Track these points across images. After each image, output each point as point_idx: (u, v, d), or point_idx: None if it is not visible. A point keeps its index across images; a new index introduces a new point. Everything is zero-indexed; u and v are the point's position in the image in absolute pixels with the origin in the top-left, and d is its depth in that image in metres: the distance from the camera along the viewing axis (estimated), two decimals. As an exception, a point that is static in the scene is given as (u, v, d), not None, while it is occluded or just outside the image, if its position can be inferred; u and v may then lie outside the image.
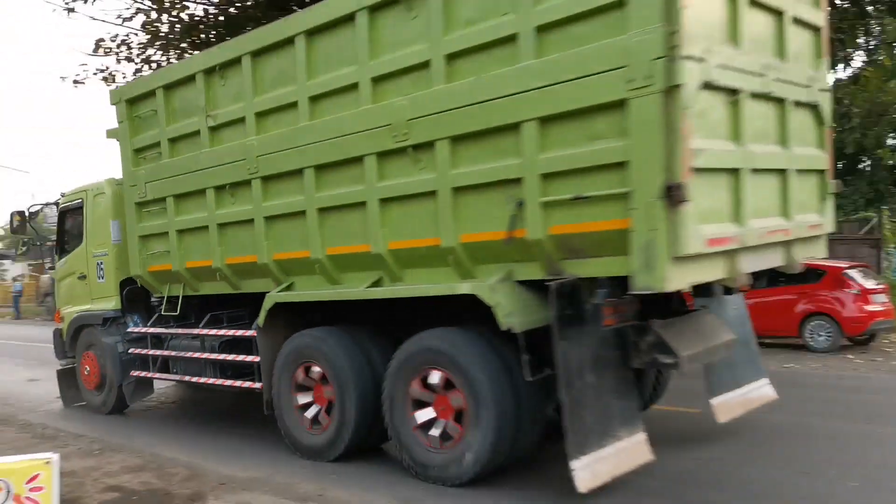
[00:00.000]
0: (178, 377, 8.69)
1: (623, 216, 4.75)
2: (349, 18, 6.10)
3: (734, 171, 5.19)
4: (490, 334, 5.52)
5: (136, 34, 14.84)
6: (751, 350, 7.12)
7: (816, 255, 6.68)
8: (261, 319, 7.03)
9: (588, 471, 4.97)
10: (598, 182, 4.88)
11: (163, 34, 14.70)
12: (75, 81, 14.98)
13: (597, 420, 5.16)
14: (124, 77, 15.09)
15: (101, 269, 9.40)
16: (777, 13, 5.73)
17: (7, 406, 10.13)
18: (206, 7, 14.53)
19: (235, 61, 7.11)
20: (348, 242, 6.43)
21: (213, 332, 7.90)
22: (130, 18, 14.62)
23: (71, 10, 14.14)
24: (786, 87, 5.75)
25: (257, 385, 7.32)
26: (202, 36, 14.77)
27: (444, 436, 5.76)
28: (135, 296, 9.13)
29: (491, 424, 5.40)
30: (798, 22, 6.01)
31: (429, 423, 5.84)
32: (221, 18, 14.38)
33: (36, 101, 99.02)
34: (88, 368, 9.55)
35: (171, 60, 15.28)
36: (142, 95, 8.29)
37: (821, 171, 6.42)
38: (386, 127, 5.91)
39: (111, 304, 9.23)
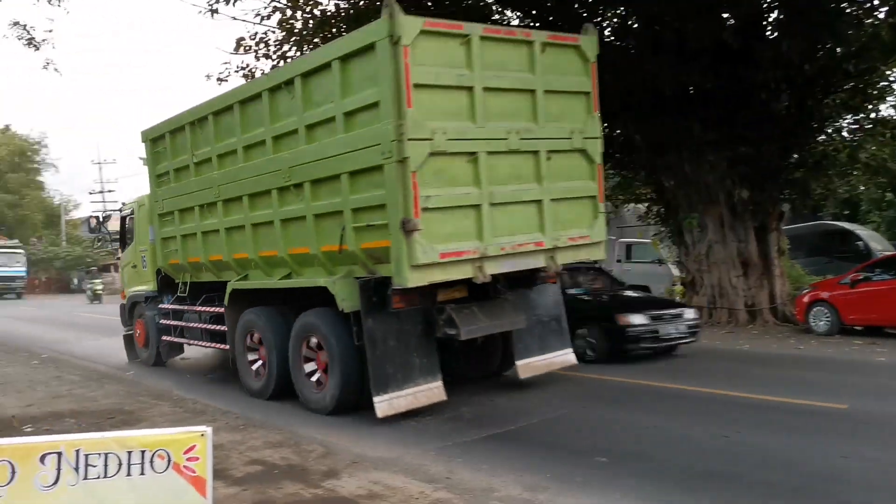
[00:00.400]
0: (185, 341, 11.65)
1: (388, 238, 7.12)
2: (259, 95, 8.70)
3: (475, 206, 7.46)
4: (340, 313, 7.82)
5: (273, 32, 15.54)
6: (561, 327, 9.46)
7: (594, 257, 9.27)
8: (225, 300, 9.80)
9: (386, 404, 7.53)
10: (376, 216, 7.29)
11: (297, 30, 15.32)
12: (219, 79, 15.88)
13: (397, 371, 7.65)
14: (263, 73, 15.83)
15: (144, 260, 12.53)
16: (529, 91, 7.93)
17: (163, 381, 10.94)
18: (337, 3, 15.00)
19: (205, 118, 9.79)
20: (267, 248, 9.04)
21: (203, 308, 10.82)
22: (268, 17, 15.34)
23: (214, 11, 14.99)
24: (538, 143, 7.97)
25: (226, 347, 10.07)
26: (333, 31, 15.28)
27: (318, 382, 8.42)
28: (166, 281, 11.87)
29: (339, 374, 8.02)
30: (557, 93, 8.19)
31: (312, 373, 8.51)
32: (352, 12, 14.81)
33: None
34: (139, 332, 12.88)
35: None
36: (157, 137, 11.17)
37: (592, 197, 8.66)
38: (279, 171, 8.44)
39: (150, 286, 12.32)
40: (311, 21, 15.21)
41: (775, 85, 14.05)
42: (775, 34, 14.61)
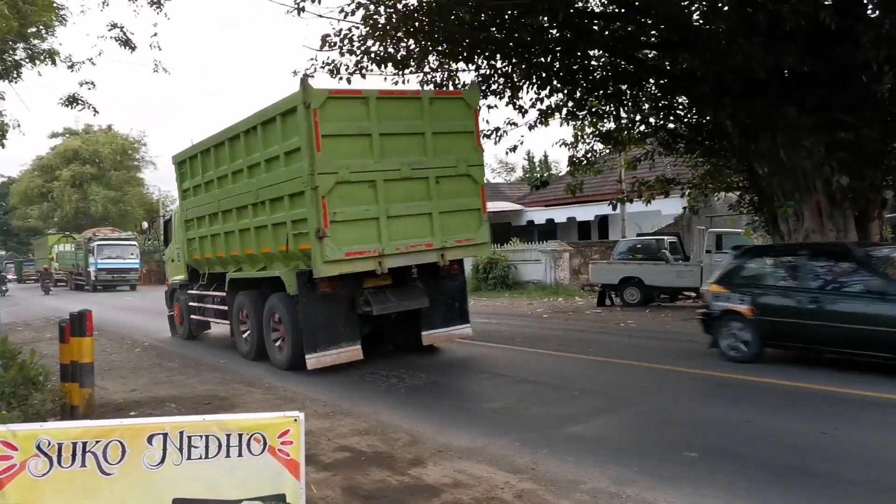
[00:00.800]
0: (208, 319, 14.68)
1: (310, 242, 9.97)
2: (238, 136, 11.68)
3: (374, 218, 10.16)
4: (289, 296, 10.78)
5: (357, 27, 15.75)
6: (462, 308, 12.08)
7: (480, 254, 13.47)
8: (226, 287, 12.91)
9: (315, 360, 10.40)
10: (303, 226, 10.12)
11: (381, 26, 15.48)
12: (305, 75, 16.23)
13: (325, 337, 10.46)
14: (347, 69, 16.09)
15: (179, 256, 15.64)
16: (420, 134, 10.62)
17: (254, 369, 11.34)
18: (419, -4, 15.10)
19: (208, 149, 12.86)
20: (248, 248, 12.00)
21: (215, 293, 13.74)
22: (352, 13, 15.56)
23: (301, 9, 15.31)
24: (427, 171, 10.62)
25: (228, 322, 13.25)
26: (416, 24, 15.38)
27: (280, 347, 11.41)
28: (193, 272, 14.96)
29: (290, 340, 11.00)
30: (444, 133, 10.85)
31: (276, 339, 11.51)
32: (434, 5, 14.86)
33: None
34: (176, 312, 16.23)
35: (388, 51, 16.08)
36: (181, 161, 14.33)
37: (477, 209, 11.23)
38: (251, 191, 11.45)
39: (183, 276, 15.48)
40: (394, 16, 15.33)
41: (877, 66, 13.26)
42: (876, 13, 13.81)
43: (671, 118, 18.59)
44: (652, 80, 17.45)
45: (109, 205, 57.81)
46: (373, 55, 15.98)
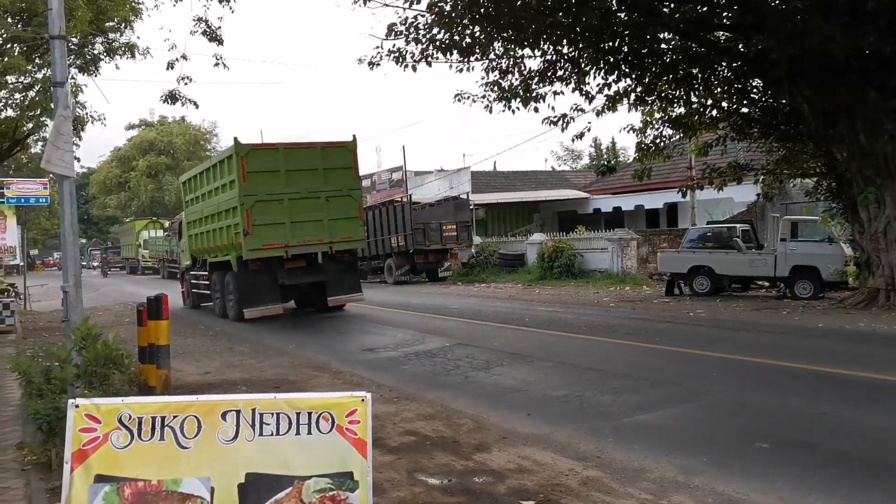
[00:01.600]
0: (200, 292, 20.21)
1: (241, 238, 15.54)
2: (209, 169, 17.75)
3: (282, 223, 15.71)
4: (235, 272, 16.71)
5: (423, 16, 15.78)
6: (355, 281, 17.92)
7: (356, 247, 17.80)
8: (207, 268, 18.90)
9: (248, 313, 16.10)
10: (238, 228, 15.63)
11: (446, 13, 15.47)
12: (371, 63, 16.36)
13: (255, 298, 16.21)
14: (413, 56, 16.14)
15: (186, 248, 21.36)
16: (315, 169, 16.12)
17: (322, 355, 11.58)
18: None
19: (196, 176, 18.96)
20: (217, 242, 17.31)
21: (204, 273, 19.37)
22: (418, 1, 15.59)
23: (368, -1, 15.46)
24: (320, 193, 16.09)
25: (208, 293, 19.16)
26: (481, 11, 15.31)
27: (231, 306, 17.22)
28: (195, 258, 20.39)
29: (235, 301, 16.82)
30: (333, 169, 16.33)
31: (230, 300, 17.20)
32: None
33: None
34: (184, 289, 22.38)
35: (453, 38, 16.06)
36: (184, 181, 20.37)
37: (355, 217, 16.73)
38: (216, 205, 16.98)
39: (188, 262, 21.32)
40: (459, 3, 15.30)
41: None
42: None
43: (744, 102, 18.07)
44: (724, 63, 16.98)
45: (183, 194, 59.62)
46: (438, 43, 15.99)
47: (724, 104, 18.15)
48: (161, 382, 7.35)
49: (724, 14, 15.76)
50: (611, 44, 16.25)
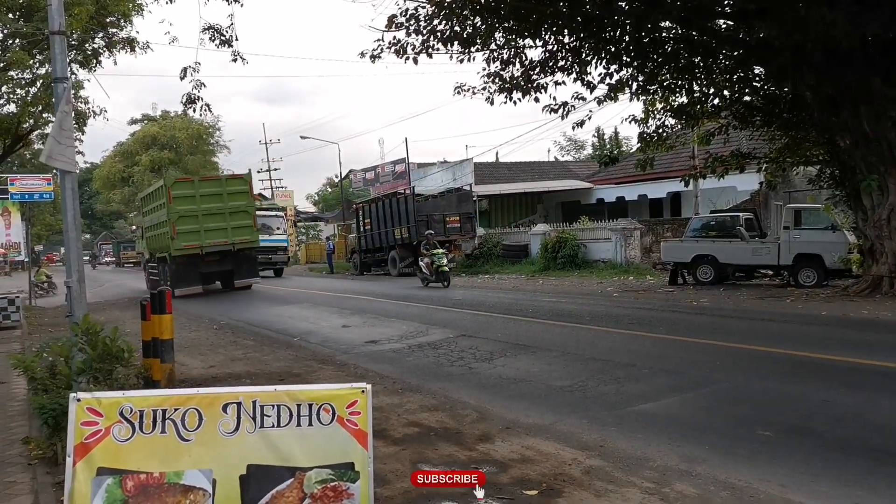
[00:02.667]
0: (154, 279, 25.79)
1: (170, 242, 22.59)
2: (153, 192, 25.74)
3: (198, 231, 22.42)
4: (168, 264, 23.57)
5: (424, 7, 15.73)
6: (254, 268, 25.07)
7: (253, 246, 24.20)
8: (155, 261, 26.41)
9: (178, 292, 21.00)
10: (168, 234, 22.65)
11: (446, 4, 15.42)
12: (372, 56, 16.33)
13: (182, 281, 22.47)
14: (414, 48, 16.10)
15: (145, 247, 29.19)
16: (220, 194, 23.15)
17: (325, 348, 11.60)
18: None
19: (148, 195, 26.82)
20: (159, 244, 24.81)
21: (154, 264, 26.33)
22: (418, -8, 15.55)
23: (368, -9, 15.43)
24: (224, 208, 22.96)
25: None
26: (482, 1, 15.26)
27: (168, 284, 22.48)
28: (151, 255, 27.16)
29: (171, 284, 21.78)
30: (233, 193, 23.34)
31: (165, 280, 23.62)
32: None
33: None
34: (145, 276, 29.30)
35: (454, 29, 16.02)
36: (142, 197, 28.75)
37: (251, 225, 23.64)
38: (159, 216, 24.03)
39: (147, 256, 28.85)
40: (460, -7, 15.27)
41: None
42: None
43: (747, 90, 18.00)
44: (726, 52, 16.91)
45: (187, 189, 59.74)
46: (439, 34, 15.95)
47: (726, 93, 18.08)
48: (165, 376, 7.37)
49: (726, 2, 15.68)
50: (612, 33, 16.20)
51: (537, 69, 17.14)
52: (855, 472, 4.94)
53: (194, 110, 14.38)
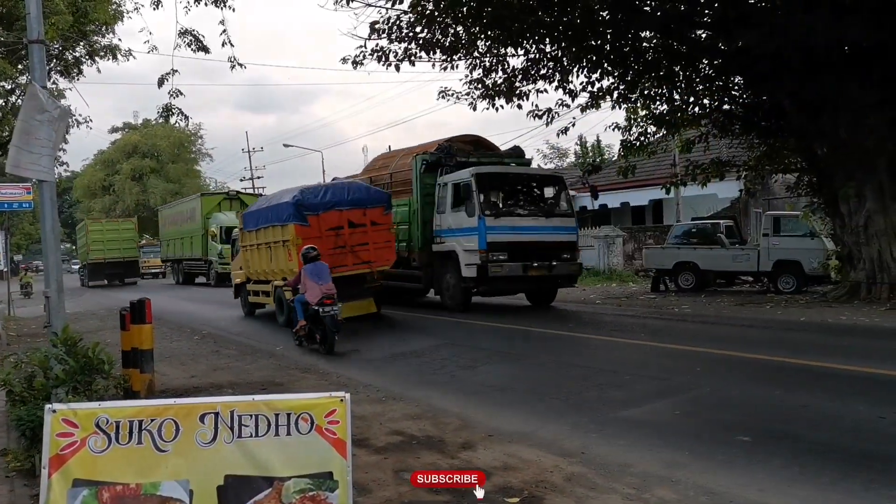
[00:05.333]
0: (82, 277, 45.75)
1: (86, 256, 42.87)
2: (84, 225, 45.41)
3: (102, 249, 40.97)
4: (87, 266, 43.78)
5: (406, 14, 15.79)
6: (137, 272, 43.69)
7: (135, 257, 42.75)
8: (80, 266, 48.43)
9: (91, 284, 41.97)
10: (86, 251, 42.91)
11: (429, 12, 15.48)
12: (354, 62, 16.34)
13: (94, 279, 41.77)
14: (396, 55, 16.14)
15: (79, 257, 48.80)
16: (117, 230, 41.85)
17: (308, 357, 11.54)
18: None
19: (79, 228, 49.45)
20: (84, 256, 44.47)
21: (82, 268, 46.45)
22: (401, 0, 15.59)
23: None
24: (119, 237, 41.34)
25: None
26: (464, 10, 15.33)
27: (88, 282, 43.84)
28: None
29: (87, 279, 43.30)
30: (124, 230, 42.07)
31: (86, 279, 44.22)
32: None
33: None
34: (80, 276, 47.18)
35: (436, 37, 16.08)
36: (76, 229, 50.57)
37: (134, 247, 42.95)
38: (84, 243, 43.16)
39: (81, 264, 47.20)
40: (442, 2, 15.31)
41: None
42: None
43: (726, 99, 18.18)
44: (706, 61, 17.09)
45: (168, 197, 59.41)
46: (421, 42, 16.01)
47: (706, 101, 18.27)
48: (145, 387, 7.33)
49: (705, 11, 15.86)
50: (593, 42, 16.33)
51: (520, 77, 17.25)
52: (831, 476, 4.99)
53: (167, 119, 13.80)
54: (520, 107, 17.19)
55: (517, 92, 17.15)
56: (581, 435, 6.30)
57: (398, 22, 15.88)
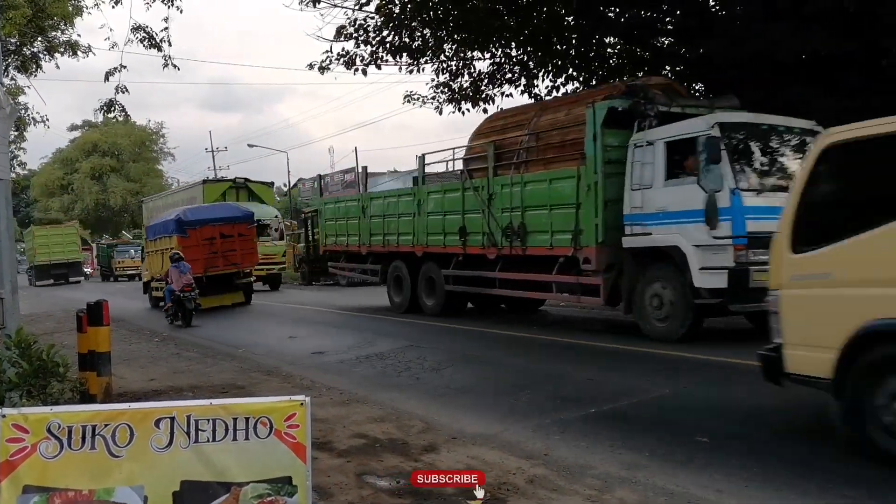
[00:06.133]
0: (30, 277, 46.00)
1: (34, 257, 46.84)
2: (32, 230, 48.77)
3: (47, 252, 45.19)
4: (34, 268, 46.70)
5: (373, 18, 15.75)
6: (81, 272, 46.62)
7: (77, 259, 45.47)
8: (28, 267, 48.97)
9: (38, 283, 43.95)
10: (34, 251, 46.60)
11: (395, 15, 15.47)
12: (321, 67, 16.26)
13: (42, 278, 44.08)
14: (363, 60, 16.10)
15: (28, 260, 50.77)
16: (60, 234, 45.46)
17: (272, 359, 11.44)
18: (433, -15, 15.09)
19: (25, 234, 51.38)
20: (33, 258, 47.62)
21: (30, 269, 46.46)
22: (367, 3, 15.56)
23: (317, 0, 15.35)
24: (63, 241, 44.81)
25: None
26: (431, 13, 15.34)
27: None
28: None
29: (35, 279, 45.18)
30: (66, 234, 45.60)
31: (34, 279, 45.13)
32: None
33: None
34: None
35: (403, 41, 16.06)
36: (24, 234, 49.98)
37: (77, 250, 45.91)
38: (32, 246, 47.70)
39: (29, 265, 49.49)
40: (409, 5, 15.32)
41: (902, 48, 13.01)
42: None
43: (688, 107, 18.38)
44: (668, 68, 17.31)
45: (129, 196, 58.40)
46: (388, 45, 15.99)
47: (670, 108, 18.48)
48: (102, 390, 7.18)
49: (668, 19, 16.09)
50: (558, 47, 16.46)
51: (486, 81, 17.32)
52: (788, 477, 5.08)
53: (107, 113, 13.29)
54: (486, 111, 17.25)
55: (483, 95, 17.21)
56: (544, 437, 6.33)
57: (365, 25, 15.85)
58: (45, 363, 5.61)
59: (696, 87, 17.73)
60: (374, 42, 16.05)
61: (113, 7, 12.22)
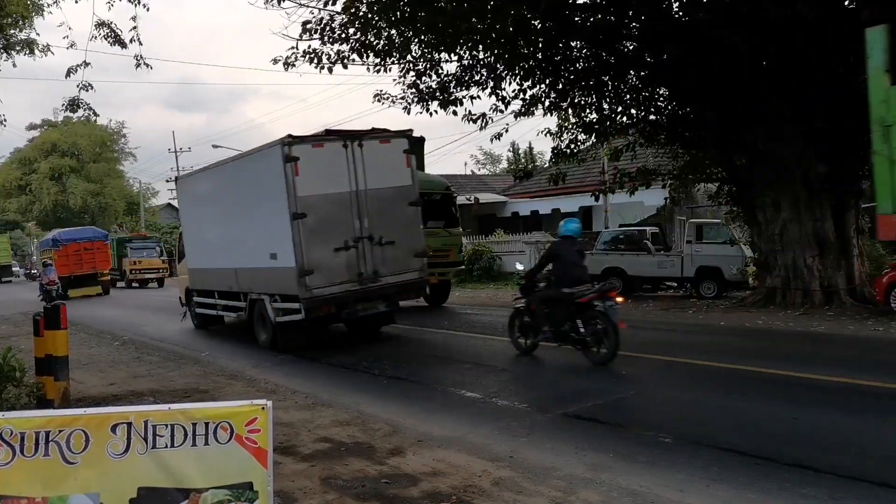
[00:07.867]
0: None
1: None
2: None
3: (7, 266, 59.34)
4: None
5: (339, 16, 15.63)
6: (8, 273, 56.47)
7: (8, 263, 55.40)
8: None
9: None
10: None
11: (361, 14, 15.38)
12: (286, 64, 16.08)
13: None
14: (329, 58, 15.96)
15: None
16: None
17: (235, 363, 11.29)
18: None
19: None
20: None
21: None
22: (334, 2, 15.44)
23: (281, -1, 15.19)
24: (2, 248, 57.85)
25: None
26: (398, 13, 15.28)
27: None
28: None
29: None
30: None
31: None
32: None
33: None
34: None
35: (370, 40, 15.97)
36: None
37: (8, 254, 57.07)
38: None
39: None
40: (375, 5, 15.23)
41: (854, 57, 13.35)
42: (853, 4, 13.92)
43: (652, 110, 18.64)
44: (633, 72, 17.49)
45: (89, 197, 57.30)
46: (354, 44, 15.89)
47: (634, 111, 18.69)
48: (60, 395, 7.01)
49: (633, 25, 16.25)
50: (526, 50, 16.52)
51: (453, 83, 17.31)
52: (749, 477, 5.15)
53: (73, 112, 12.84)
54: (455, 113, 17.24)
55: (451, 97, 17.20)
56: (509, 439, 6.34)
57: (331, 23, 15.72)
58: (0, 368, 5.47)
59: (661, 92, 17.99)
60: (340, 40, 15.93)
61: (77, 1, 11.83)
